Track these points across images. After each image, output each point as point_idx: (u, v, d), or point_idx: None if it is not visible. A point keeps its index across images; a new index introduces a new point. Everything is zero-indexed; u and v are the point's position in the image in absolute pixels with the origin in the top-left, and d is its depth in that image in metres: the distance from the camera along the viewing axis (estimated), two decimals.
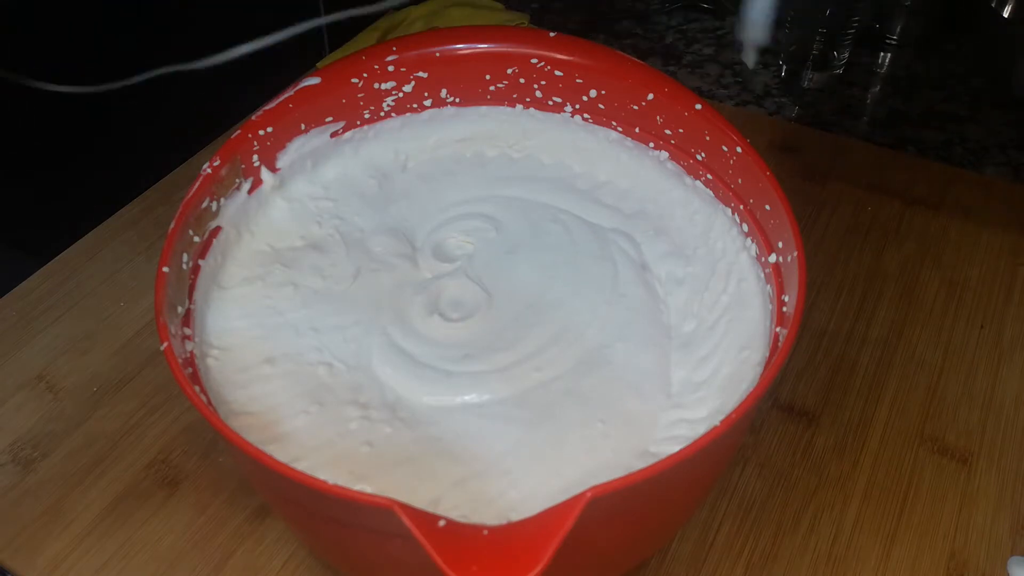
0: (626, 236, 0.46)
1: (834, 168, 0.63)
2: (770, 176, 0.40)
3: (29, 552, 0.43)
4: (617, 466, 0.36)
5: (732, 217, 0.43)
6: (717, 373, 0.39)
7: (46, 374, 0.51)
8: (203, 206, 0.42)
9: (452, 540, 0.27)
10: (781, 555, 0.43)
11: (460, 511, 0.35)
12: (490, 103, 0.50)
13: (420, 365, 0.40)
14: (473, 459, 0.37)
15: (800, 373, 0.51)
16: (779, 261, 0.39)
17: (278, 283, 0.44)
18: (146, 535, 0.44)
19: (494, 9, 0.77)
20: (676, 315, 0.43)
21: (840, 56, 0.72)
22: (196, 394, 0.33)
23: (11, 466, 0.47)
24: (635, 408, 0.39)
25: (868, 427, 0.48)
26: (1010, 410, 0.49)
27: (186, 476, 0.46)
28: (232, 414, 0.38)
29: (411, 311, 0.43)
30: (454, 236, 0.46)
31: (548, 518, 0.28)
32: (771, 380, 0.32)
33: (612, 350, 0.41)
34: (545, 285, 0.44)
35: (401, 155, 0.50)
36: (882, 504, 0.45)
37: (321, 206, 0.47)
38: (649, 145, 0.47)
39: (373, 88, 0.48)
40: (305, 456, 0.37)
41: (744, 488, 0.45)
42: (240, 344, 0.41)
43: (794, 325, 0.34)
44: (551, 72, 0.48)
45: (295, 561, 0.43)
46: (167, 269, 0.37)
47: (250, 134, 0.44)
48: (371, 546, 0.34)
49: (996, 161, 0.66)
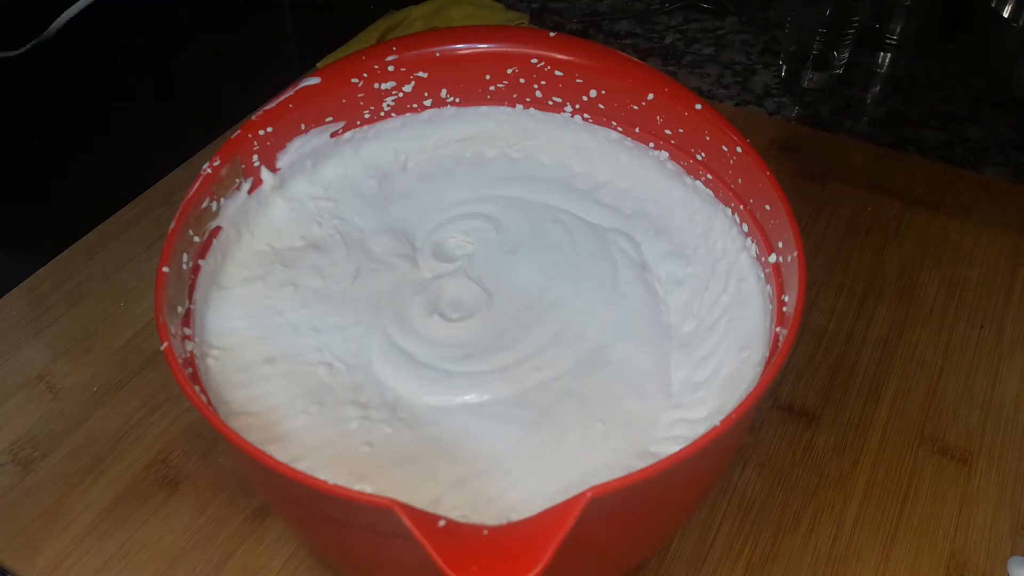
0: (626, 236, 0.46)
1: (834, 168, 0.63)
2: (770, 176, 0.40)
3: (29, 552, 0.43)
4: (617, 466, 0.36)
5: (732, 217, 0.43)
6: (717, 373, 0.39)
7: (46, 374, 0.51)
8: (203, 206, 0.41)
9: (452, 540, 0.27)
10: (781, 555, 0.43)
11: (460, 511, 0.35)
12: (490, 103, 0.50)
13: (420, 365, 0.40)
14: (473, 459, 0.37)
15: (800, 373, 0.51)
16: (779, 261, 0.39)
17: (278, 283, 0.44)
18: (146, 535, 0.44)
19: (494, 9, 0.77)
20: (676, 315, 0.43)
21: (840, 56, 0.72)
22: (196, 394, 0.33)
23: (11, 466, 0.47)
24: (635, 408, 0.39)
25: (868, 427, 0.48)
26: (1010, 410, 0.49)
27: (186, 476, 0.46)
28: (232, 414, 0.38)
29: (411, 311, 0.42)
30: (454, 236, 0.46)
31: (548, 518, 0.28)
32: (771, 380, 0.32)
33: (612, 350, 0.41)
34: (545, 285, 0.44)
35: (401, 155, 0.50)
36: (882, 504, 0.45)
37: (321, 206, 0.47)
38: (649, 145, 0.47)
39: (373, 88, 0.48)
40: (305, 456, 0.37)
41: (744, 488, 0.45)
42: (240, 344, 0.41)
43: (794, 325, 0.34)
44: (551, 72, 0.48)
45: (295, 561, 0.43)
46: (167, 269, 0.37)
47: (250, 134, 0.44)
48: (371, 546, 0.34)
49: (996, 161, 0.66)
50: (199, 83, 0.65)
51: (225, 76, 0.52)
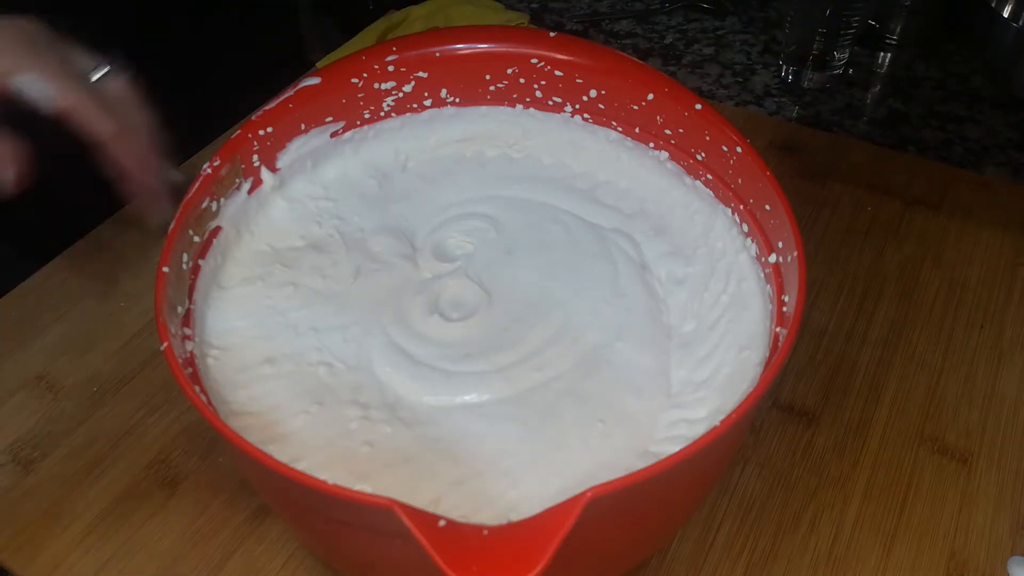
0: (626, 236, 0.46)
1: (834, 168, 0.63)
2: (770, 176, 0.40)
3: (29, 552, 0.43)
4: (617, 466, 0.36)
5: (732, 217, 0.43)
6: (717, 373, 0.39)
7: (46, 374, 0.51)
8: (203, 206, 0.42)
9: (452, 540, 0.27)
10: (781, 555, 0.43)
11: (460, 511, 0.35)
12: (490, 103, 0.50)
13: (420, 365, 0.40)
14: (473, 459, 0.37)
15: (800, 373, 0.51)
16: (779, 261, 0.39)
17: (278, 283, 0.44)
18: (146, 535, 0.44)
19: (494, 9, 0.77)
20: (676, 315, 0.43)
21: (840, 56, 0.72)
22: (196, 394, 0.33)
23: (11, 466, 0.47)
24: (635, 408, 0.39)
25: (868, 427, 0.48)
26: (1010, 410, 0.49)
27: (186, 476, 0.46)
28: (232, 414, 0.38)
29: (411, 311, 0.42)
30: (454, 236, 0.46)
31: (548, 518, 0.28)
32: (771, 380, 0.32)
33: (612, 350, 0.41)
34: (545, 285, 0.44)
35: (401, 155, 0.50)
36: (882, 504, 0.45)
37: (321, 206, 0.47)
38: (649, 145, 0.47)
39: (373, 88, 0.48)
40: (305, 456, 0.37)
41: (744, 488, 0.45)
42: (240, 344, 0.41)
43: (794, 325, 0.34)
44: (551, 72, 0.48)
45: (295, 561, 0.43)
46: (167, 269, 0.37)
47: (250, 134, 0.44)
48: (371, 546, 0.34)
49: (996, 161, 0.66)
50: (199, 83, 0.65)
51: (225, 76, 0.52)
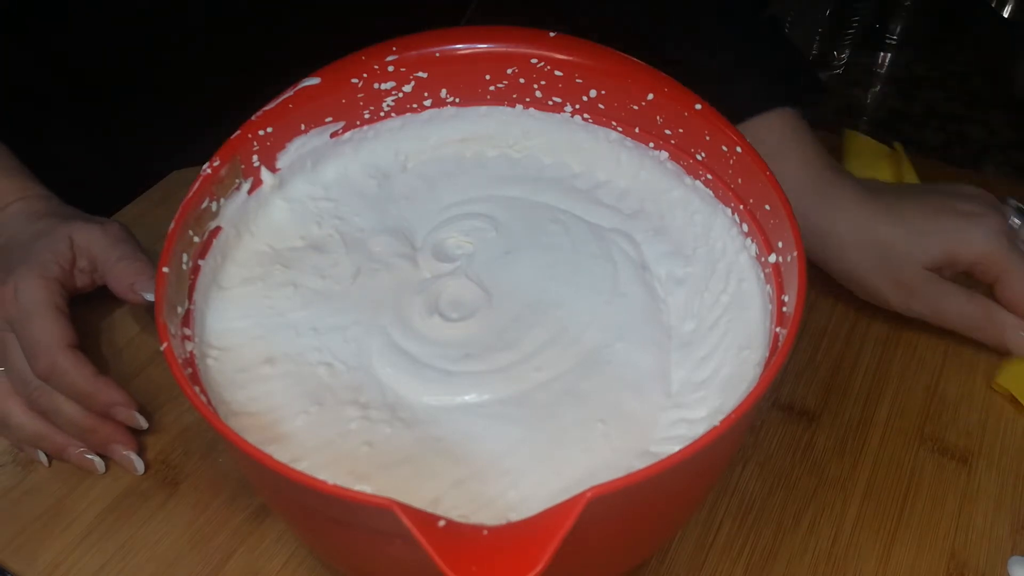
0: (626, 236, 0.46)
1: None
2: (770, 176, 0.40)
3: (29, 552, 0.43)
4: (617, 466, 0.36)
5: (732, 217, 0.43)
6: (717, 373, 0.39)
7: None
8: (203, 206, 0.41)
9: (452, 540, 0.27)
10: (781, 555, 0.43)
11: (460, 511, 0.35)
12: (490, 103, 0.50)
13: (420, 365, 0.40)
14: (473, 459, 0.37)
15: (800, 373, 0.51)
16: (779, 261, 0.39)
17: (278, 283, 0.44)
18: (146, 535, 0.44)
19: None
20: (676, 315, 0.43)
21: (840, 56, 0.72)
22: (196, 394, 0.33)
23: (11, 466, 0.47)
24: (635, 408, 0.39)
25: (868, 427, 0.48)
26: (1010, 410, 0.49)
27: (186, 476, 0.46)
28: (232, 414, 0.38)
29: (411, 311, 0.42)
30: (454, 236, 0.46)
31: (548, 518, 0.28)
32: (771, 380, 0.32)
33: (612, 350, 0.41)
34: (545, 285, 0.44)
35: (401, 155, 0.50)
36: (882, 504, 0.45)
37: (321, 206, 0.47)
38: (649, 145, 0.47)
39: (373, 88, 0.48)
40: (305, 456, 0.37)
41: (744, 488, 0.45)
42: (240, 344, 0.41)
43: (794, 325, 0.34)
44: (551, 72, 0.48)
45: (295, 561, 0.43)
46: (167, 269, 0.37)
47: (250, 134, 0.44)
48: (371, 546, 0.34)
49: (996, 161, 0.66)
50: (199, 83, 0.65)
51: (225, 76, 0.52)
